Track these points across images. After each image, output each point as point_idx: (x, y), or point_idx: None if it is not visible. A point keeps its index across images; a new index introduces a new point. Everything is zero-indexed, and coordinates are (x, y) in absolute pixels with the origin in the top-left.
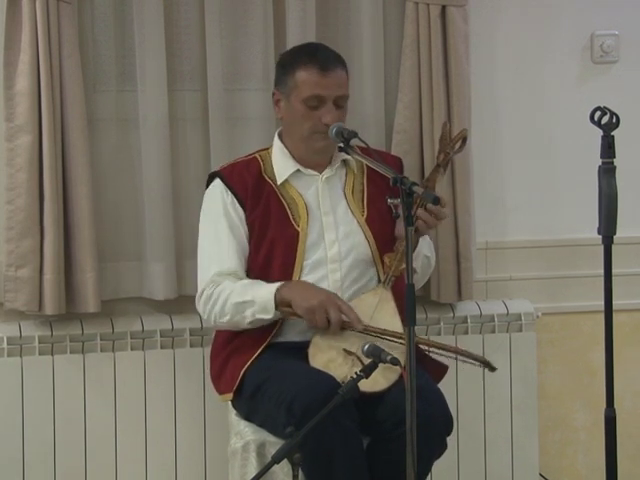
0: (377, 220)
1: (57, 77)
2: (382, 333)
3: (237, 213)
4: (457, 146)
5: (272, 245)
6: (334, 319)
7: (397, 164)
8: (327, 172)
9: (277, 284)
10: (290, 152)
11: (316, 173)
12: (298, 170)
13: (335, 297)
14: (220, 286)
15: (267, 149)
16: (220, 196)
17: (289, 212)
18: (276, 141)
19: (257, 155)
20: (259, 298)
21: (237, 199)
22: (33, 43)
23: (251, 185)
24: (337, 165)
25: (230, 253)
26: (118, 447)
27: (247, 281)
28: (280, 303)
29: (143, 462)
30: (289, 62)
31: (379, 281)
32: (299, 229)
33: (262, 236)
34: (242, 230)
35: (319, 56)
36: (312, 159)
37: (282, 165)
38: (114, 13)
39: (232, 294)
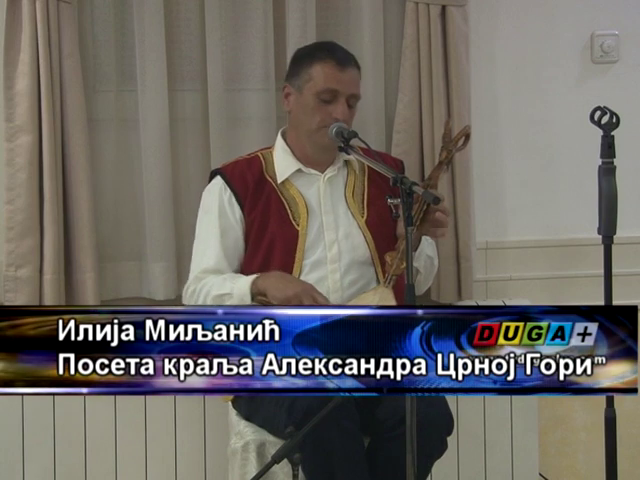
0: (377, 222)
1: (57, 77)
2: None
3: (234, 212)
4: (460, 143)
5: (271, 244)
6: None
7: (398, 167)
8: (329, 172)
9: (254, 275)
10: (292, 150)
11: (318, 172)
12: (299, 169)
13: (311, 288)
14: (202, 282)
15: (269, 148)
16: (218, 194)
17: (289, 211)
18: (279, 140)
19: (259, 154)
20: (237, 290)
21: (236, 197)
22: (33, 43)
23: (252, 184)
24: (339, 165)
25: (217, 252)
26: (118, 446)
27: (228, 274)
28: (257, 293)
29: (143, 462)
30: (306, 55)
31: (378, 283)
32: (299, 228)
33: (261, 235)
34: (237, 230)
35: (337, 53)
36: (316, 156)
37: (283, 164)
38: (114, 13)
39: (212, 287)
